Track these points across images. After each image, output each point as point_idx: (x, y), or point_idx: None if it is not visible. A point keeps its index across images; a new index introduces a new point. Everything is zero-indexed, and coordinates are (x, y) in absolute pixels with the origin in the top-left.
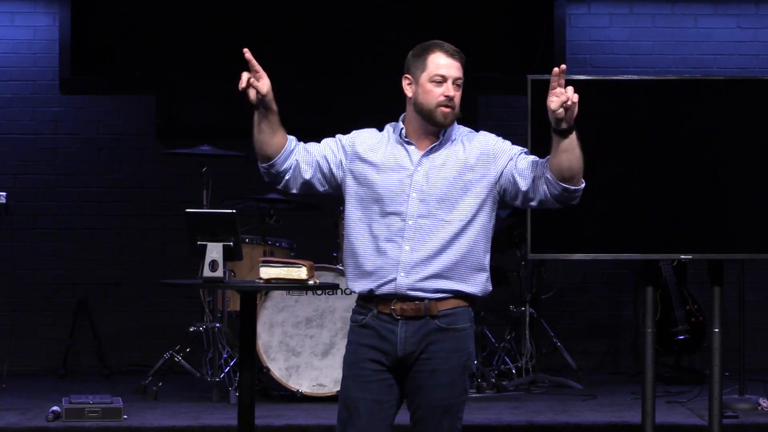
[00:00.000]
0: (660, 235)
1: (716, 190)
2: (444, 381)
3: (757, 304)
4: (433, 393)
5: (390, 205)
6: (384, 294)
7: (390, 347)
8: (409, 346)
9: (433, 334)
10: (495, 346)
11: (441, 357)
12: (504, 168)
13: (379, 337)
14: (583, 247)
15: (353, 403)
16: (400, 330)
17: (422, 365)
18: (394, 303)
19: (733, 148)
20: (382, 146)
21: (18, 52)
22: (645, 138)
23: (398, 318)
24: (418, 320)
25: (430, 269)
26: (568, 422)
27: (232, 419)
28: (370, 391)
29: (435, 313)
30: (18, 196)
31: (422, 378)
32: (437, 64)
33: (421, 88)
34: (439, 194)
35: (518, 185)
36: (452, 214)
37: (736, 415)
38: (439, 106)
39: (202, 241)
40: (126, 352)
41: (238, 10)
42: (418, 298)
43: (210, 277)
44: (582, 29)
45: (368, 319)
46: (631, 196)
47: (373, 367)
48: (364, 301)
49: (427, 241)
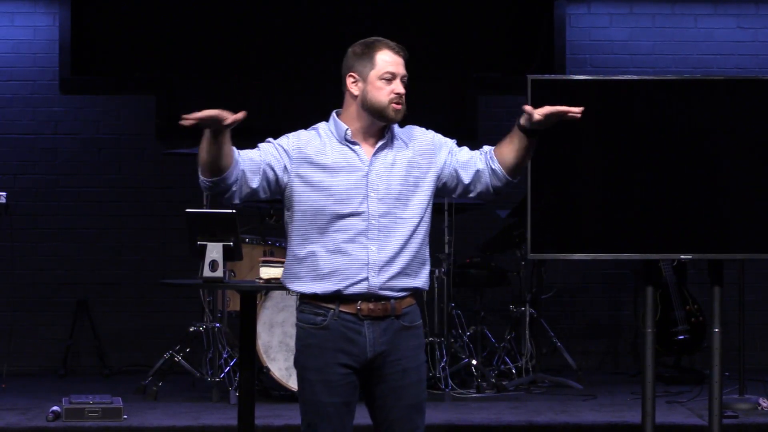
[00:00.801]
0: (660, 235)
1: (716, 190)
2: (415, 379)
3: (757, 304)
4: (408, 392)
5: (347, 206)
6: (351, 294)
7: (358, 349)
8: (379, 347)
9: (398, 333)
10: (495, 346)
11: (409, 356)
12: (445, 161)
13: (345, 339)
14: (583, 247)
15: (323, 408)
16: (368, 331)
17: (393, 366)
18: (359, 303)
19: (733, 148)
20: (328, 147)
21: (18, 52)
22: (645, 138)
23: (363, 318)
24: (384, 320)
25: (395, 268)
26: (568, 422)
27: (232, 419)
28: (339, 395)
29: (399, 313)
30: (18, 196)
31: (395, 379)
32: (386, 61)
33: (371, 86)
34: (395, 192)
35: (460, 177)
36: (407, 211)
37: (736, 415)
38: (391, 103)
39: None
40: (126, 352)
41: (238, 10)
42: (386, 298)
43: (210, 277)
44: (582, 29)
45: (329, 320)
46: (631, 196)
47: (342, 371)
48: (321, 302)
49: (390, 239)
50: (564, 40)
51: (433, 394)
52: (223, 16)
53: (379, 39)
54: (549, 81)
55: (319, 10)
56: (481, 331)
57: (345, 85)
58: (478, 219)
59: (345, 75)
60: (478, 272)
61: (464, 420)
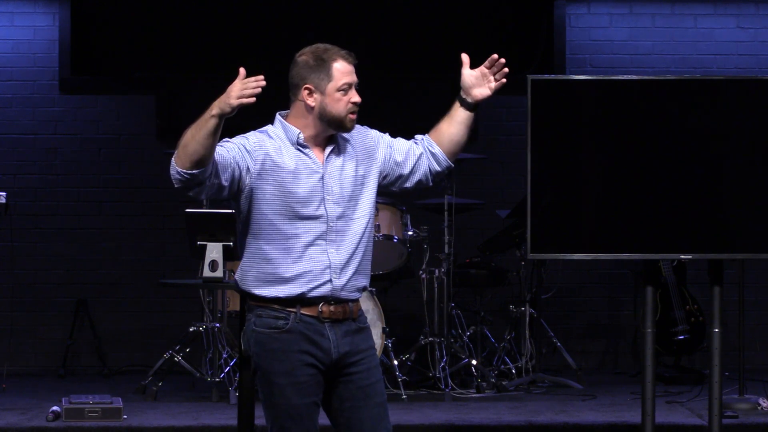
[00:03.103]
0: (660, 235)
1: (716, 190)
2: (378, 377)
3: (757, 304)
4: (375, 390)
5: (306, 209)
6: (313, 297)
7: (322, 351)
8: (342, 347)
9: (356, 334)
10: (495, 346)
11: (369, 355)
12: (384, 155)
13: (309, 341)
14: (583, 247)
15: (296, 410)
16: (330, 333)
17: (357, 366)
18: (321, 306)
19: (733, 148)
20: (285, 151)
21: (18, 52)
22: (645, 138)
23: (324, 321)
24: (343, 322)
25: (352, 268)
26: (568, 422)
27: (232, 419)
28: (309, 395)
29: (356, 315)
30: (18, 196)
31: (362, 378)
32: (342, 72)
33: (329, 98)
34: (348, 194)
35: (401, 169)
36: (358, 211)
37: (736, 415)
38: (349, 113)
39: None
40: (126, 352)
41: (238, 10)
42: (345, 300)
43: (210, 277)
44: (582, 29)
45: (291, 323)
46: (631, 196)
47: (309, 372)
48: (281, 305)
49: (346, 241)
50: (564, 40)
51: (433, 394)
52: (222, 15)
53: (329, 47)
54: (549, 81)
55: (319, 10)
56: (481, 331)
57: (297, 95)
58: (478, 219)
59: (299, 86)
60: (478, 272)
61: (464, 420)
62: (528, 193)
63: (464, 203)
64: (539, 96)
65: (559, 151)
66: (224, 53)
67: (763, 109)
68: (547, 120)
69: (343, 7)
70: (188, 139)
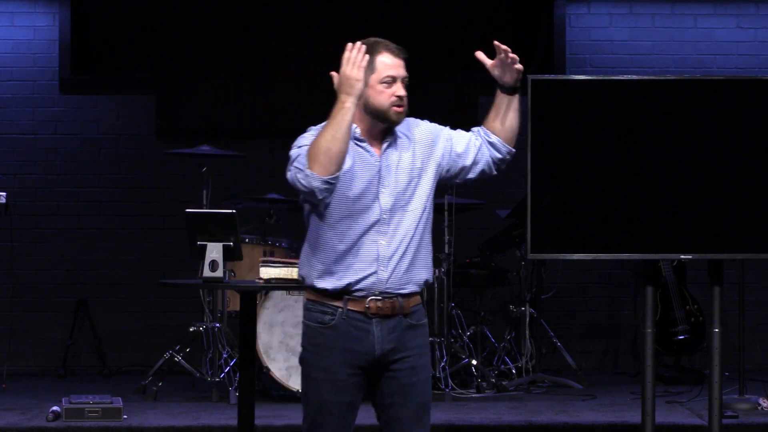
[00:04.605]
0: (660, 235)
1: (716, 189)
2: (423, 377)
3: (757, 304)
4: (417, 389)
5: (361, 201)
6: (360, 289)
7: (366, 348)
8: (387, 344)
9: (406, 331)
10: (495, 346)
11: (417, 354)
12: (444, 148)
13: (353, 338)
14: (583, 247)
15: (328, 407)
16: (376, 329)
17: (402, 363)
18: (368, 301)
19: (733, 148)
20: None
21: (18, 52)
22: (645, 138)
23: (372, 317)
24: (392, 318)
25: (401, 261)
26: (568, 422)
27: (232, 419)
28: (344, 395)
29: (407, 311)
30: (18, 196)
31: (404, 376)
32: (386, 64)
33: (372, 90)
34: (403, 187)
35: (463, 160)
36: (412, 203)
37: (736, 415)
38: (392, 106)
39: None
40: (126, 352)
41: (238, 10)
42: (393, 295)
43: (210, 277)
44: (582, 29)
45: (337, 319)
46: (631, 196)
47: (348, 371)
48: (329, 299)
49: (398, 234)
50: (564, 40)
51: (433, 394)
52: (222, 16)
53: (378, 41)
54: (549, 81)
55: (319, 10)
56: (481, 331)
57: None
58: (478, 219)
59: None
60: (478, 272)
61: (464, 420)
62: (528, 193)
63: (464, 203)
64: (539, 96)
65: (559, 151)
66: (224, 53)
67: (763, 109)
68: (547, 120)
69: (342, 7)
70: (328, 142)
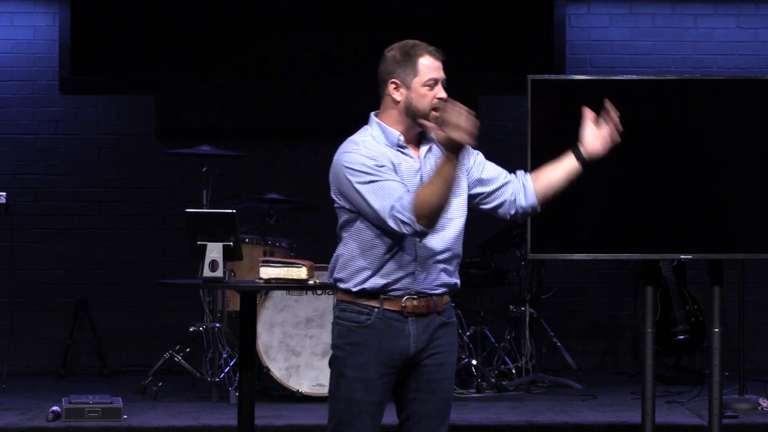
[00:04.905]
0: (660, 235)
1: (716, 189)
2: (450, 374)
3: (757, 304)
4: (442, 386)
5: None
6: (397, 289)
7: (401, 347)
8: (421, 343)
9: (438, 329)
10: (495, 346)
11: (446, 351)
12: (470, 166)
13: (388, 337)
14: (583, 247)
15: (358, 406)
16: (411, 327)
17: (432, 360)
18: (404, 300)
19: (733, 148)
20: (386, 152)
21: (18, 52)
22: (645, 138)
23: (408, 316)
24: (426, 317)
25: (437, 265)
26: (568, 422)
27: (232, 419)
28: (375, 394)
29: (440, 309)
30: (18, 196)
31: (432, 372)
32: (428, 67)
33: (415, 93)
34: None
35: (483, 186)
36: (452, 211)
37: (736, 415)
38: (433, 109)
39: (202, 241)
40: (126, 352)
41: (238, 10)
42: (429, 294)
43: (210, 277)
44: (582, 29)
45: (374, 318)
46: (631, 196)
47: (381, 371)
48: (364, 299)
49: (437, 238)
50: (564, 40)
51: None
52: (222, 16)
53: (417, 43)
54: (549, 81)
55: (319, 10)
56: (481, 331)
57: (385, 89)
58: (478, 219)
59: (386, 80)
60: (478, 272)
61: (464, 420)
62: None
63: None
64: (539, 96)
65: (559, 151)
66: (224, 53)
67: (763, 109)
68: (547, 120)
69: (342, 7)
70: (440, 200)
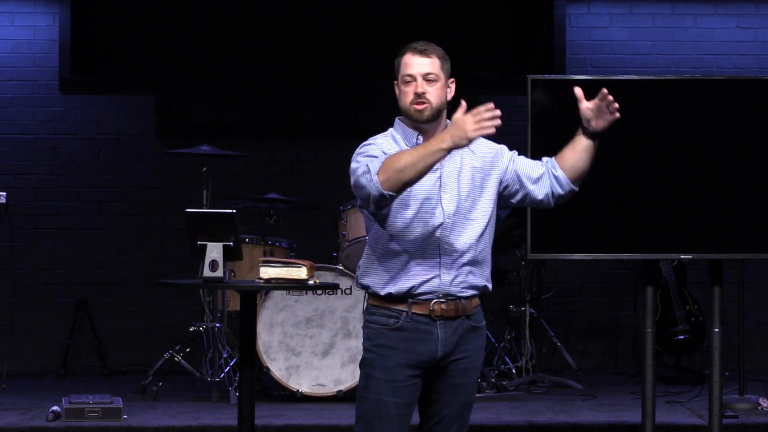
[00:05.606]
0: (660, 235)
1: (716, 190)
2: (474, 378)
3: (757, 304)
4: (465, 390)
5: (425, 207)
6: (423, 292)
7: (429, 350)
8: (448, 347)
9: (466, 333)
10: (495, 346)
11: (472, 355)
12: (507, 166)
13: (416, 340)
14: (583, 247)
15: (386, 407)
16: (439, 331)
17: (457, 364)
18: (432, 303)
19: (733, 148)
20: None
21: (18, 52)
22: (645, 138)
23: (436, 319)
24: (455, 320)
25: (463, 266)
26: (568, 422)
27: (232, 419)
28: (402, 397)
29: (469, 313)
30: (18, 196)
31: (457, 376)
32: (405, 64)
33: (398, 90)
34: (465, 194)
35: (522, 182)
36: (475, 212)
37: (736, 415)
38: (412, 104)
39: (202, 241)
40: (126, 352)
41: (238, 10)
42: (456, 297)
43: (210, 277)
44: (582, 29)
45: (402, 321)
46: (631, 196)
47: (409, 373)
48: (393, 304)
49: (460, 239)
50: (564, 40)
51: None
52: (223, 15)
53: (409, 44)
54: (549, 81)
55: (320, 10)
56: None
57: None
58: None
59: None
60: None
61: None
62: None
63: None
64: (539, 96)
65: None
66: (224, 53)
67: (763, 109)
68: (547, 120)
69: (342, 8)
70: (407, 165)
